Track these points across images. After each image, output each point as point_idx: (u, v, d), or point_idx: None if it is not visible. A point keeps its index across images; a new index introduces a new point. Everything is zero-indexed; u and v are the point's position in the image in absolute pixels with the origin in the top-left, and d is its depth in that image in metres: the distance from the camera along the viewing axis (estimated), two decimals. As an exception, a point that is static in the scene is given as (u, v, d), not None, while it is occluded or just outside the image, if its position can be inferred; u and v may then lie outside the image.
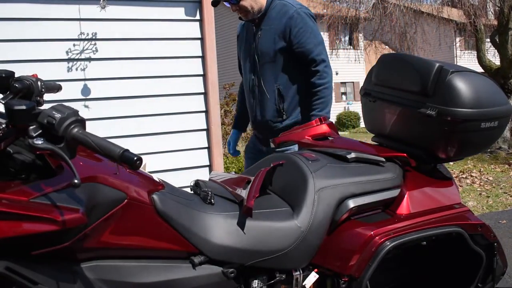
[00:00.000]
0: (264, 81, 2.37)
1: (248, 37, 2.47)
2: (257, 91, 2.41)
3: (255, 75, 2.42)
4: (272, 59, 2.35)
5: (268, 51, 2.35)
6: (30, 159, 1.20)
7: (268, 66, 2.37)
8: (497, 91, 1.67)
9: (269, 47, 2.34)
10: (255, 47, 2.39)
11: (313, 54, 2.31)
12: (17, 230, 0.98)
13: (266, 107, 2.38)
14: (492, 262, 1.62)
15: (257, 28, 2.39)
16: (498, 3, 9.15)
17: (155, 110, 3.35)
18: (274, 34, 2.33)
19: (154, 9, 3.36)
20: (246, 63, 2.48)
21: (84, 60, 3.17)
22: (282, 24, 2.31)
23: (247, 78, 2.49)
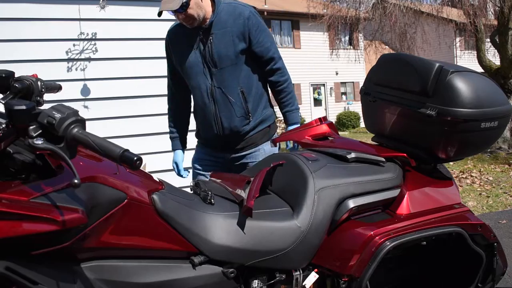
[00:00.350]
0: (225, 86, 2.24)
1: (191, 44, 2.26)
2: (219, 98, 2.25)
3: (213, 83, 2.25)
4: (233, 62, 2.25)
5: (228, 54, 2.23)
6: (30, 159, 1.20)
7: (229, 70, 2.25)
8: (497, 91, 1.67)
9: (229, 50, 2.23)
10: (209, 52, 2.23)
11: (271, 52, 2.30)
12: (17, 230, 0.98)
13: (232, 112, 2.25)
14: (492, 262, 1.62)
15: (206, 33, 2.23)
16: (498, 3, 9.16)
17: (155, 110, 3.35)
18: (231, 36, 2.22)
19: (154, 9, 3.36)
20: (195, 71, 2.28)
21: (84, 60, 3.17)
22: (239, 25, 2.24)
23: (200, 87, 2.28)
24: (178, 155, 2.52)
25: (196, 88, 2.30)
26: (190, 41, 2.27)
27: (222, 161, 2.34)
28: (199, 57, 2.25)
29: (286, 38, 20.22)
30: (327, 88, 21.32)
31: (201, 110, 2.33)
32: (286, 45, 20.14)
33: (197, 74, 2.27)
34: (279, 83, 2.35)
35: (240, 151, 2.30)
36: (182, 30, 2.28)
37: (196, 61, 2.26)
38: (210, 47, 2.23)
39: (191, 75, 2.30)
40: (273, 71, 2.33)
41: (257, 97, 2.30)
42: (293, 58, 19.93)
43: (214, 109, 2.27)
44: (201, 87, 2.28)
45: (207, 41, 2.23)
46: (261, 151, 2.32)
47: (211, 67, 2.24)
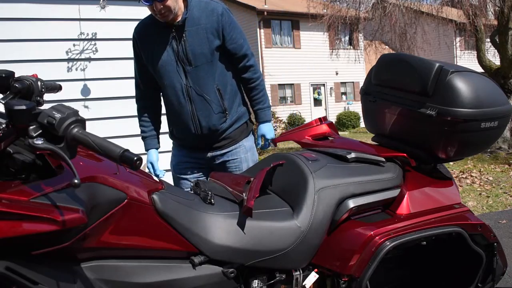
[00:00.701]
0: (201, 84, 2.19)
1: (163, 42, 2.19)
2: (195, 97, 2.20)
3: (188, 82, 2.19)
4: (208, 59, 2.20)
5: (203, 52, 2.18)
6: (30, 159, 1.20)
7: (204, 68, 2.20)
8: (497, 91, 1.67)
9: (204, 48, 2.18)
10: (183, 50, 2.17)
11: (244, 49, 2.28)
12: (17, 230, 0.98)
13: (210, 110, 2.21)
14: (492, 262, 1.63)
15: (179, 31, 2.16)
16: (498, 3, 9.16)
17: (155, 110, 3.34)
18: (205, 33, 2.17)
19: (154, 9, 3.36)
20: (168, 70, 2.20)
21: (84, 60, 3.17)
22: (213, 22, 2.18)
23: (174, 86, 2.21)
24: (153, 155, 2.41)
25: (169, 87, 2.23)
26: (161, 39, 2.19)
27: (202, 161, 2.30)
28: (172, 55, 2.19)
29: (286, 38, 20.22)
30: (327, 88, 21.32)
31: (176, 110, 2.26)
32: (286, 45, 20.15)
33: (170, 73, 2.20)
34: (252, 80, 2.32)
35: (220, 149, 2.28)
36: (152, 27, 2.21)
37: (168, 60, 2.19)
38: (183, 45, 2.17)
39: (163, 74, 2.22)
40: (246, 68, 2.30)
41: (232, 94, 2.28)
42: (293, 58, 19.95)
43: (190, 108, 2.21)
44: (175, 86, 2.21)
45: (181, 38, 2.17)
46: (241, 147, 2.30)
47: (186, 65, 2.18)
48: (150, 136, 2.42)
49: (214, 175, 1.70)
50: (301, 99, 20.43)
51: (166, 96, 2.29)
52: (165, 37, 2.18)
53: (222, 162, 2.28)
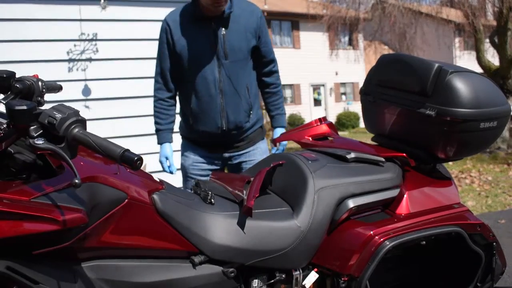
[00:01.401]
0: (235, 79, 2.21)
1: (200, 34, 2.19)
2: (227, 90, 2.21)
3: (221, 74, 2.20)
4: (245, 56, 2.23)
5: (242, 48, 2.21)
6: (31, 159, 1.21)
7: (239, 64, 2.22)
8: (496, 91, 1.67)
9: (242, 44, 2.21)
10: (222, 44, 2.18)
11: (273, 54, 2.35)
12: (18, 230, 0.98)
13: (239, 106, 2.23)
14: (491, 261, 1.63)
15: (220, 24, 2.19)
16: (497, 4, 9.16)
17: (155, 110, 3.35)
18: (245, 31, 2.21)
19: (154, 9, 3.37)
20: (203, 61, 2.20)
21: (84, 61, 3.18)
22: (253, 22, 2.22)
23: (207, 77, 2.20)
24: (167, 148, 2.36)
25: (201, 78, 2.21)
26: (198, 30, 2.20)
27: (218, 161, 2.31)
28: (208, 47, 2.19)
29: (286, 38, 20.22)
30: (327, 88, 21.33)
31: (204, 103, 2.24)
32: (286, 45, 20.15)
33: (205, 64, 2.20)
34: (275, 85, 2.39)
35: (238, 149, 2.29)
36: (187, 17, 2.22)
37: (204, 51, 2.20)
38: (222, 39, 2.19)
39: (197, 65, 2.21)
40: (272, 73, 2.36)
41: (255, 95, 2.32)
42: (293, 58, 19.94)
43: (221, 101, 2.21)
44: (207, 77, 2.20)
45: (220, 32, 2.19)
46: (258, 149, 2.33)
47: (222, 59, 2.19)
48: (166, 130, 2.37)
49: (214, 175, 1.70)
50: (301, 99, 20.43)
51: (194, 88, 2.25)
52: (203, 29, 2.20)
53: (239, 163, 2.30)
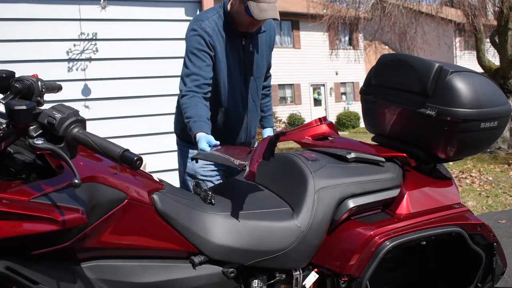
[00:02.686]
0: (256, 95, 2.23)
1: (232, 48, 2.14)
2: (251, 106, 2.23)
3: (246, 89, 2.19)
4: (264, 73, 2.26)
5: (263, 65, 2.23)
6: (30, 159, 1.20)
7: (260, 80, 2.24)
8: (496, 91, 1.67)
9: (264, 60, 2.22)
10: (249, 60, 2.17)
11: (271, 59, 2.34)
12: (18, 230, 0.98)
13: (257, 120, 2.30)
14: (492, 261, 1.63)
15: (249, 41, 2.16)
16: (497, 3, 9.16)
17: (155, 110, 3.35)
18: (265, 46, 2.21)
19: (154, 9, 3.37)
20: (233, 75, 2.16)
21: (84, 60, 3.17)
22: (271, 37, 2.24)
23: (235, 92, 2.17)
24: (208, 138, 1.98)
25: (230, 92, 2.17)
26: (231, 44, 2.14)
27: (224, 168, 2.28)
28: (237, 62, 2.15)
29: (286, 38, 20.21)
30: (327, 88, 21.32)
31: (231, 121, 2.20)
32: (286, 45, 20.15)
33: (234, 79, 2.16)
34: (269, 88, 2.43)
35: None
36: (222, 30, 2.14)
37: (235, 66, 2.15)
38: (250, 55, 2.17)
39: (227, 79, 2.15)
40: (267, 77, 2.38)
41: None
42: (293, 58, 19.93)
43: (246, 118, 2.22)
44: (236, 92, 2.17)
45: (248, 47, 2.16)
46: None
47: (248, 75, 2.18)
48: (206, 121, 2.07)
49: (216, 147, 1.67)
50: (301, 99, 20.42)
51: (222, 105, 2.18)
52: (235, 44, 2.14)
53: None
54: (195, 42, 2.11)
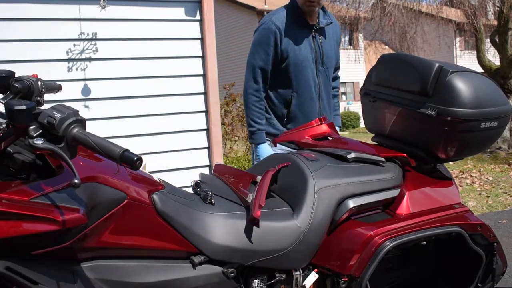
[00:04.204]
0: (327, 85, 2.42)
1: (304, 38, 2.36)
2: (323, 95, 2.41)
3: (319, 80, 2.39)
4: (333, 65, 2.46)
5: (332, 57, 2.44)
6: (30, 159, 1.20)
7: (330, 71, 2.43)
8: (496, 91, 1.67)
9: (333, 53, 2.43)
10: (320, 50, 2.38)
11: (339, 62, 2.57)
12: (18, 230, 0.98)
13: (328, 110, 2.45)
14: (492, 262, 1.63)
15: (318, 33, 2.39)
16: (497, 3, 9.16)
17: (155, 110, 3.35)
18: (334, 41, 2.45)
19: (154, 9, 3.37)
20: (306, 65, 2.35)
21: (84, 60, 3.17)
22: (336, 34, 2.49)
23: (309, 81, 2.36)
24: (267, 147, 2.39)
25: (305, 82, 2.36)
26: (302, 36, 2.36)
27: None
28: (310, 53, 2.36)
29: (286, 38, 20.18)
30: (327, 88, 21.29)
31: (306, 106, 2.38)
32: (286, 45, 20.11)
33: (308, 69, 2.36)
34: (337, 88, 2.62)
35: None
36: (292, 23, 2.36)
37: (308, 56, 2.35)
38: (320, 45, 2.37)
39: (302, 69, 2.35)
40: (336, 78, 2.60)
41: None
42: (293, 58, 19.90)
43: (319, 105, 2.39)
44: (310, 81, 2.36)
45: (317, 39, 2.38)
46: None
47: (319, 65, 2.38)
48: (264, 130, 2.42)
49: (217, 169, 1.68)
50: (301, 99, 20.40)
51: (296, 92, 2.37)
52: (305, 35, 2.37)
53: None
54: (262, 36, 2.35)
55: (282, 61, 2.34)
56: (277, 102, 2.41)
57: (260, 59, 2.35)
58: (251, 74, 2.37)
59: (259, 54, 2.35)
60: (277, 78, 2.38)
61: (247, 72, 2.40)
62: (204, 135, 3.50)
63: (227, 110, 7.67)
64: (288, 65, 2.34)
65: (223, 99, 7.63)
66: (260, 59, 2.35)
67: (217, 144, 3.49)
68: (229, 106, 7.77)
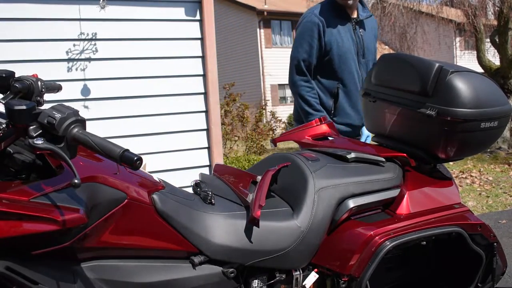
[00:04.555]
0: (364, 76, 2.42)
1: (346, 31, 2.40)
2: None
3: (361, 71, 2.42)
4: (372, 59, 2.47)
5: (371, 51, 2.46)
6: (30, 159, 1.20)
7: (369, 65, 2.44)
8: (497, 91, 1.67)
9: (371, 47, 2.45)
10: (361, 43, 2.42)
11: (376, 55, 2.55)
12: (18, 230, 0.98)
13: None
14: (492, 262, 1.63)
15: (358, 25, 2.42)
16: (497, 3, 9.16)
17: (155, 110, 3.35)
18: (372, 35, 2.47)
19: (154, 9, 3.37)
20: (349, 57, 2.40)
21: (84, 60, 3.17)
22: (374, 28, 2.51)
23: (353, 72, 2.41)
24: None
25: (349, 74, 2.40)
26: (343, 28, 2.40)
27: None
28: (352, 45, 2.39)
29: (286, 38, 20.21)
30: (327, 88, 21.30)
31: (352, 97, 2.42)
32: (286, 45, 20.14)
33: (350, 61, 2.39)
34: None
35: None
36: (333, 16, 2.39)
37: (350, 47, 2.39)
38: (361, 38, 2.41)
39: (345, 60, 2.38)
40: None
41: None
42: (293, 58, 19.91)
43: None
44: (353, 73, 2.39)
45: (358, 31, 2.41)
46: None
47: (360, 57, 2.41)
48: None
49: (217, 169, 1.68)
50: (301, 99, 20.40)
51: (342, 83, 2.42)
52: (347, 27, 2.41)
53: None
54: (306, 29, 2.39)
55: (325, 54, 2.38)
56: (323, 95, 2.44)
57: (304, 52, 2.39)
58: (297, 67, 2.41)
59: (303, 47, 2.38)
60: (321, 71, 2.41)
61: (291, 66, 2.44)
62: (204, 135, 3.50)
63: (227, 110, 7.68)
64: (332, 57, 2.37)
65: (223, 99, 7.63)
66: (304, 52, 2.39)
67: (217, 144, 3.49)
68: (229, 106, 7.78)
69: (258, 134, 8.18)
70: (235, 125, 7.84)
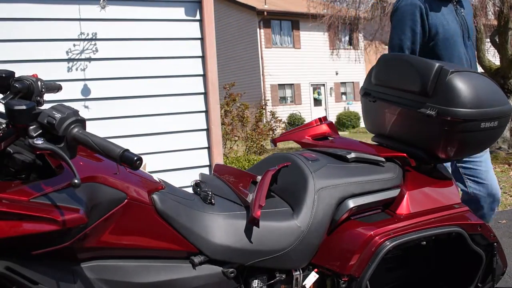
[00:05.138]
0: (472, 58, 2.25)
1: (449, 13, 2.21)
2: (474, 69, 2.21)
3: (469, 54, 2.24)
4: (474, 40, 2.30)
5: (473, 29, 2.29)
6: (30, 159, 1.20)
7: (473, 45, 2.29)
8: (497, 91, 1.67)
9: (472, 26, 2.29)
10: (464, 23, 2.24)
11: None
12: (18, 230, 0.98)
13: None
14: (492, 262, 1.63)
15: (458, 5, 2.25)
16: (497, 3, 9.16)
17: (155, 110, 3.35)
18: (470, 13, 2.32)
19: (154, 9, 3.37)
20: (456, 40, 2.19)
21: (84, 60, 3.17)
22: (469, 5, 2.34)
23: (461, 57, 2.20)
24: None
25: (457, 58, 2.19)
26: (447, 10, 2.20)
27: None
28: (458, 27, 2.20)
29: (286, 38, 20.22)
30: (327, 88, 21.32)
31: None
32: (286, 45, 20.15)
33: (458, 44, 2.19)
34: None
35: None
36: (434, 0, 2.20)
37: (456, 29, 2.19)
38: (464, 18, 2.23)
39: (452, 45, 2.18)
40: None
41: None
42: (293, 58, 19.94)
43: None
44: (462, 58, 2.20)
45: (460, 11, 2.24)
46: None
47: (466, 39, 2.22)
48: None
49: (217, 169, 1.68)
50: (301, 99, 20.43)
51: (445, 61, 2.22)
52: (450, 8, 2.21)
53: None
54: (406, 13, 2.16)
55: (430, 39, 2.16)
56: None
57: (407, 39, 2.15)
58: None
59: (405, 34, 2.14)
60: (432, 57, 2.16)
61: None
62: (204, 135, 3.50)
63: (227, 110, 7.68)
64: (438, 41, 2.15)
65: (223, 99, 7.63)
66: (407, 39, 2.15)
67: (217, 144, 3.49)
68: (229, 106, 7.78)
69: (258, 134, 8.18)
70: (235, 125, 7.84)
